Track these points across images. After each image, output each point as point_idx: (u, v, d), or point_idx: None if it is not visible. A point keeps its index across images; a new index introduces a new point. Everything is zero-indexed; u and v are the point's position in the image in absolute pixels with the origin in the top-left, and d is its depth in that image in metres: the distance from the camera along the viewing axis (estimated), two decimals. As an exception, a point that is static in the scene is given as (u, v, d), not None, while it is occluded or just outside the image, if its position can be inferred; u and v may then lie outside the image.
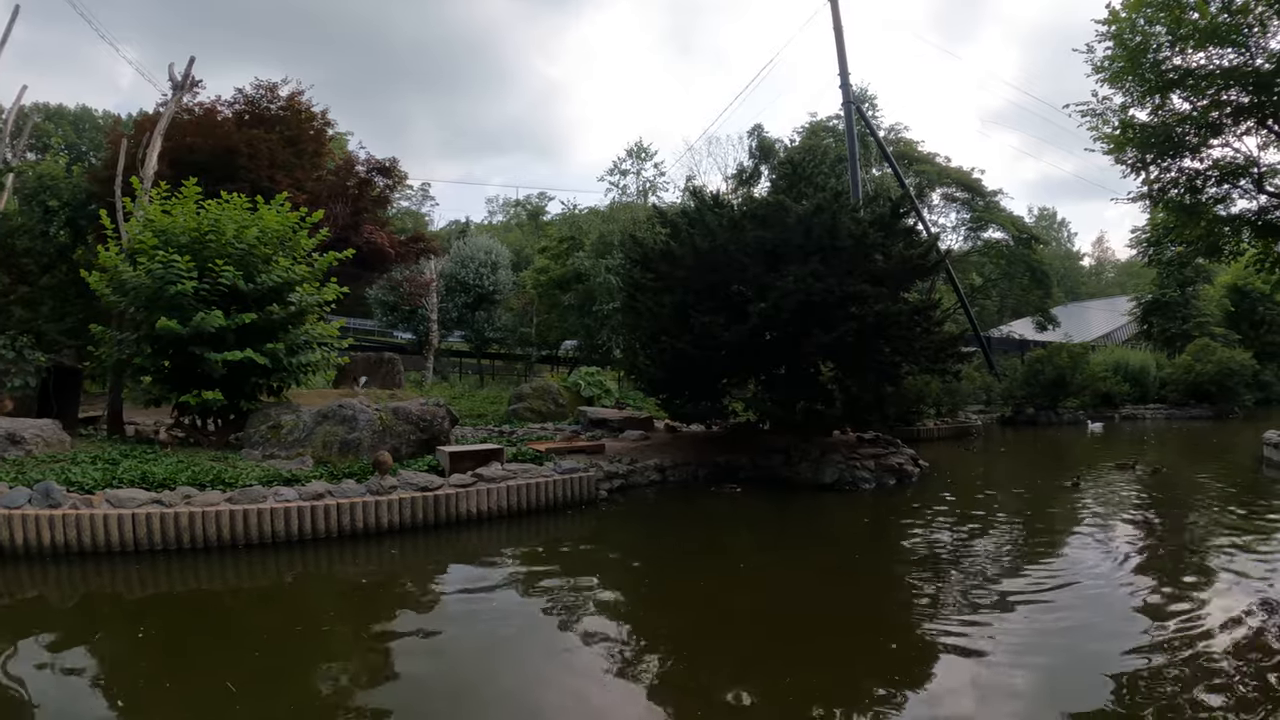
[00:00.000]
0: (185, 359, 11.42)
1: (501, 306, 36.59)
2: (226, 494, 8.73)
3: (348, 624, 6.46)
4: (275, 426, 11.24)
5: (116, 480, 8.82)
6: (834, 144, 38.60)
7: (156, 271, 11.09)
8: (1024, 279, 46.40)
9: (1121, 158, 17.27)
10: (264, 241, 12.15)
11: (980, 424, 25.44)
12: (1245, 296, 41.06)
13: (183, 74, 15.99)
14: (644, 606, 6.99)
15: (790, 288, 12.63)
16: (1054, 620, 6.32)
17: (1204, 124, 16.01)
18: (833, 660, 5.58)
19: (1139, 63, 15.84)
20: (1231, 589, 7.15)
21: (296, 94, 23.31)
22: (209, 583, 7.64)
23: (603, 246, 29.98)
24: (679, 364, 13.81)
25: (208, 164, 18.67)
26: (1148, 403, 33.23)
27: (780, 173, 36.36)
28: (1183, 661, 5.34)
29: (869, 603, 7.24)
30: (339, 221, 20.50)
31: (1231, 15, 14.58)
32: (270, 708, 4.71)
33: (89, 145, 47.31)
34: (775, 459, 13.75)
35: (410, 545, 8.87)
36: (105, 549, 7.84)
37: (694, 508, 11.85)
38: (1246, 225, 17.74)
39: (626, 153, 48.03)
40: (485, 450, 11.15)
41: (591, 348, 30.20)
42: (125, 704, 4.79)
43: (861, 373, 13.68)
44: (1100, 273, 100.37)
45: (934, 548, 9.14)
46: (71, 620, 6.45)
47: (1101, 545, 9.10)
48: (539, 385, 21.01)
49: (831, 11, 28.85)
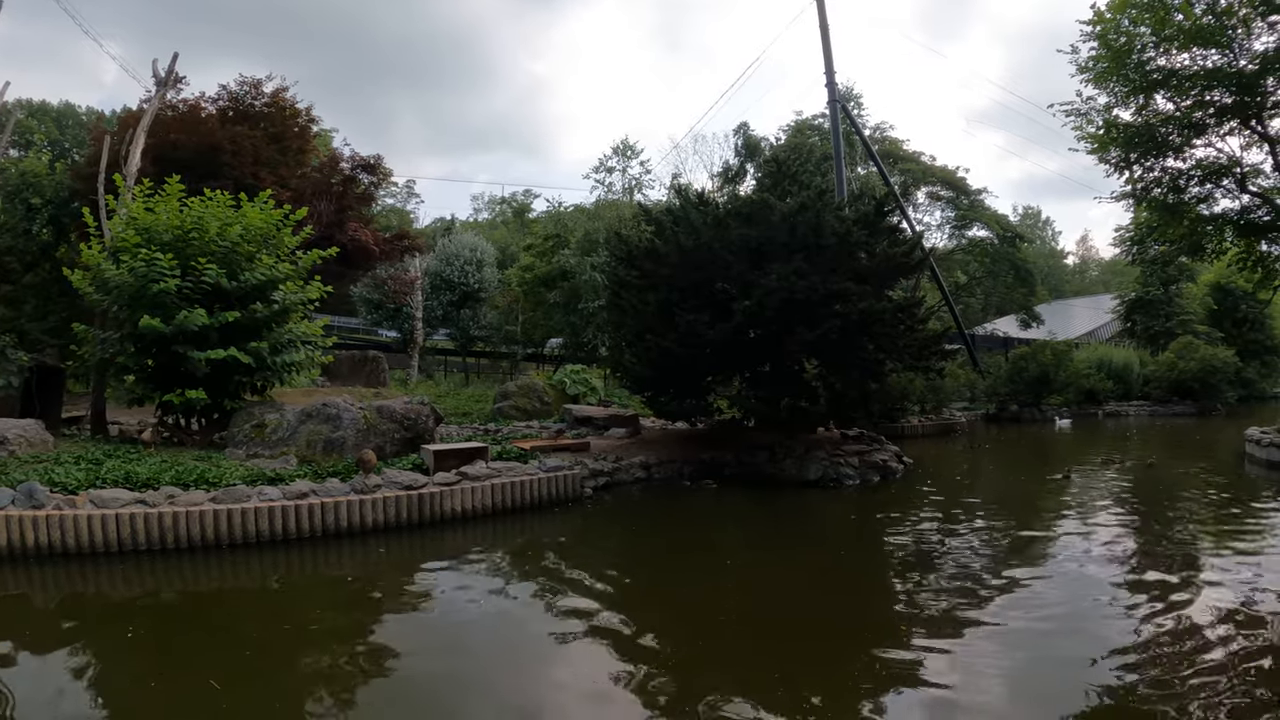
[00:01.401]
0: (168, 358, 11.37)
1: (487, 304, 36.54)
2: (210, 494, 8.71)
3: (333, 623, 6.45)
4: (259, 426, 11.22)
5: (100, 480, 8.78)
6: (819, 142, 38.71)
7: (139, 270, 11.04)
8: (1008, 277, 46.60)
9: (1105, 157, 17.40)
10: (247, 239, 12.11)
11: (964, 421, 25.59)
12: (1228, 295, 41.36)
13: (166, 70, 15.93)
14: (630, 605, 7.00)
15: (774, 286, 12.68)
16: (1040, 616, 6.36)
17: (1187, 124, 16.14)
18: (820, 658, 5.60)
19: (1123, 63, 15.96)
20: (1217, 584, 7.22)
21: (281, 90, 23.20)
22: (194, 583, 7.63)
23: (588, 244, 29.96)
24: (664, 361, 13.83)
25: (191, 161, 18.56)
26: (1131, 400, 33.50)
27: (765, 171, 36.32)
28: (1171, 658, 5.39)
29: (853, 600, 7.27)
30: (323, 219, 20.42)
31: (1216, 17, 14.71)
32: (259, 707, 4.71)
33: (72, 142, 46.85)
34: (760, 456, 13.79)
35: (395, 544, 8.86)
36: (89, 550, 7.81)
37: (679, 505, 11.88)
38: (1229, 224, 17.89)
39: (612, 150, 48.00)
40: (470, 448, 11.16)
41: (577, 345, 30.20)
42: (111, 704, 4.78)
43: (845, 370, 13.73)
44: (1084, 271, 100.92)
45: (918, 544, 9.19)
46: (55, 621, 6.43)
47: (1086, 540, 9.17)
48: (524, 383, 21.03)
49: (818, 9, 28.93)
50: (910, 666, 5.35)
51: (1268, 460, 14.98)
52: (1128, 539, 9.37)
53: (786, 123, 46.93)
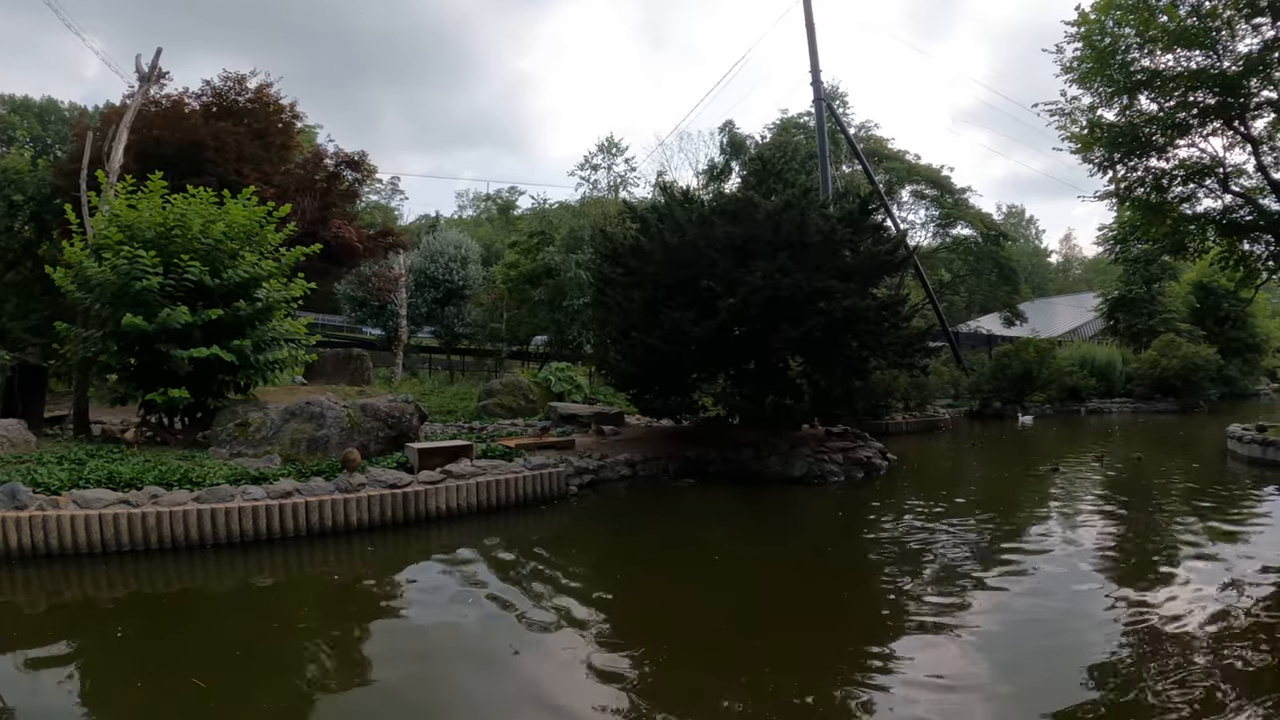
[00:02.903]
0: (151, 356, 11.30)
1: (471, 302, 36.47)
2: (194, 493, 8.67)
3: (318, 623, 6.45)
4: (243, 424, 11.17)
5: (83, 480, 8.74)
6: (805, 140, 38.80)
7: (122, 267, 10.97)
8: (992, 275, 46.85)
9: (1089, 157, 17.53)
10: (231, 236, 12.05)
11: (948, 418, 25.76)
12: (1210, 293, 41.60)
13: (150, 65, 15.84)
14: (616, 602, 7.01)
15: (759, 283, 12.72)
16: (1024, 610, 6.44)
17: (1171, 124, 16.27)
18: (806, 654, 5.62)
19: (1107, 64, 16.09)
20: (1201, 575, 7.32)
21: (265, 86, 23.03)
22: (178, 583, 7.60)
23: (573, 241, 29.90)
24: (649, 359, 13.85)
25: (174, 157, 18.42)
26: (1114, 397, 33.69)
27: (751, 169, 36.25)
28: (1155, 649, 5.46)
29: (838, 595, 7.30)
30: (307, 216, 20.31)
31: (1200, 18, 14.81)
32: (245, 707, 4.69)
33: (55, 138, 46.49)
34: (745, 453, 13.83)
35: (380, 543, 8.85)
36: (72, 551, 7.76)
37: (664, 503, 11.90)
38: (1211, 224, 18.05)
39: (598, 147, 47.94)
40: (454, 447, 11.14)
41: (562, 343, 30.14)
42: (96, 705, 4.77)
43: (830, 367, 13.79)
44: (1067, 269, 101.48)
45: (902, 539, 9.23)
46: (40, 623, 6.40)
47: (1071, 534, 9.29)
48: (509, 381, 21.01)
49: (804, 7, 29.05)
50: (896, 661, 5.40)
51: (1249, 456, 15.22)
52: (1113, 532, 9.46)
53: (772, 121, 47.06)
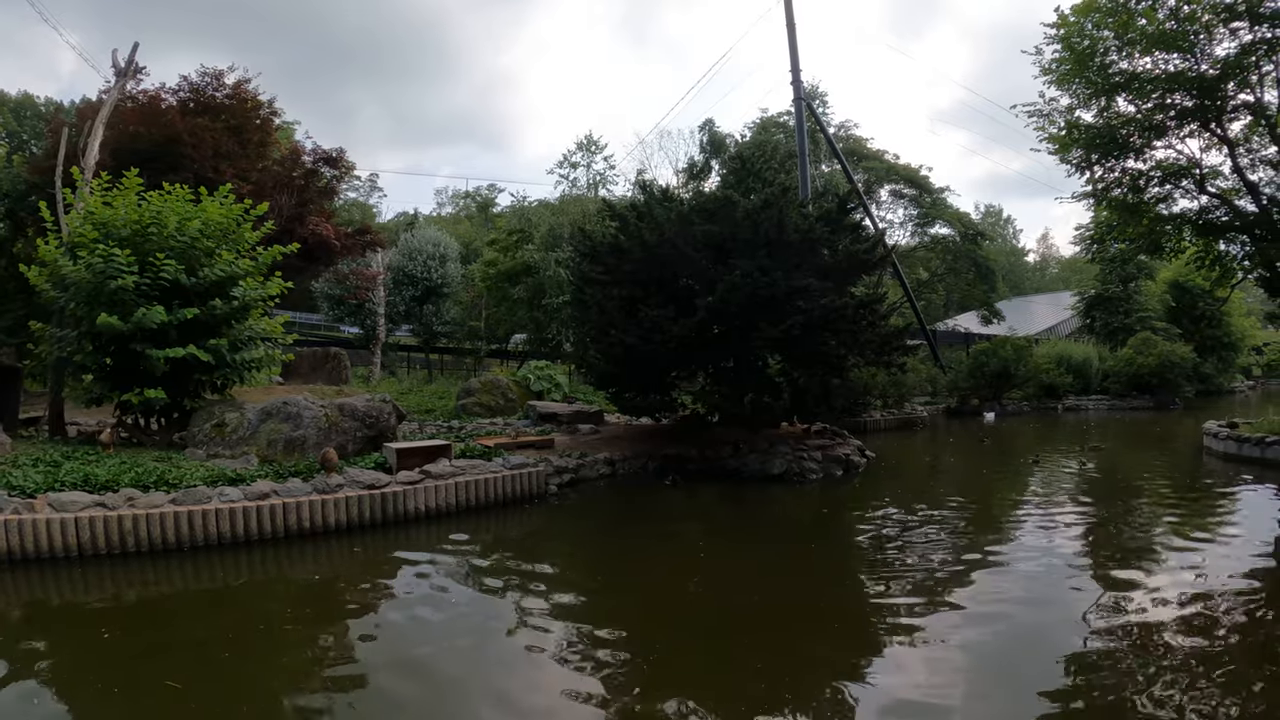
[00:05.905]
0: (127, 356, 11.20)
1: (450, 300, 36.36)
2: (170, 495, 8.61)
3: (295, 625, 6.41)
4: (219, 425, 11.10)
5: (59, 483, 8.67)
6: (784, 140, 38.95)
7: (97, 266, 10.87)
8: (969, 274, 47.16)
9: (1067, 157, 17.65)
10: (207, 234, 11.96)
11: (926, 415, 25.94)
12: (1186, 292, 41.94)
13: (126, 60, 15.72)
14: (596, 601, 7.01)
15: (738, 281, 12.75)
16: (1002, 605, 6.49)
17: (1148, 126, 16.41)
18: (789, 652, 5.63)
19: (1086, 66, 16.22)
20: (1177, 569, 7.41)
21: (243, 82, 22.80)
22: (156, 586, 7.52)
23: (552, 239, 29.86)
24: (628, 357, 13.86)
25: (151, 154, 18.26)
26: (1090, 394, 33.93)
27: (730, 168, 36.49)
28: (1134, 642, 5.52)
29: (819, 592, 7.33)
30: (284, 213, 20.18)
31: (1179, 22, 14.94)
32: (224, 709, 4.67)
33: (30, 134, 45.98)
34: (724, 451, 13.87)
35: (359, 544, 8.83)
36: (48, 554, 7.69)
37: (644, 501, 11.93)
38: (1187, 224, 18.18)
39: (577, 145, 48.12)
40: (433, 446, 11.12)
41: (541, 341, 30.11)
42: (73, 709, 4.73)
43: (808, 365, 13.85)
44: (1044, 268, 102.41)
45: (880, 536, 9.31)
46: (15, 628, 6.31)
47: (1048, 529, 9.36)
48: (488, 380, 20.95)
49: (785, 7, 29.06)
50: (874, 656, 5.44)
51: (1224, 452, 15.43)
52: (1091, 527, 9.54)
53: (752, 120, 47.28)
